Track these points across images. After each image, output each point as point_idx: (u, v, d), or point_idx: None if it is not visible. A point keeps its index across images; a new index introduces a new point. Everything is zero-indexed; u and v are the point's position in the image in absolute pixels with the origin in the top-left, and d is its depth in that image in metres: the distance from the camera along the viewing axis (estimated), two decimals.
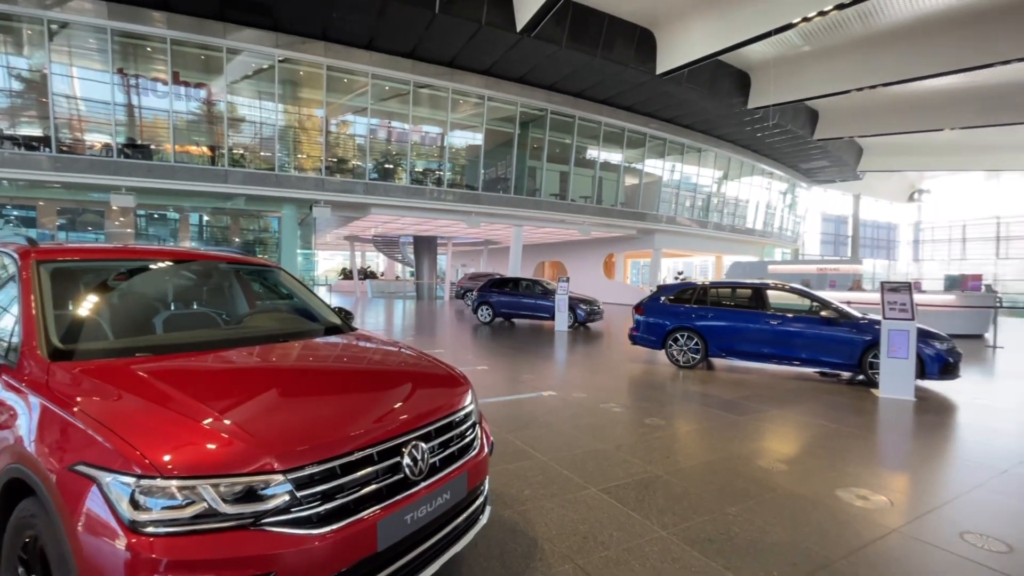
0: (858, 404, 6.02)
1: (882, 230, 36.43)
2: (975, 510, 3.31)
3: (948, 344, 6.51)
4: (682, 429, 4.95)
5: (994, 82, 18.36)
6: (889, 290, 6.20)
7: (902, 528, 3.01)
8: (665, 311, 8.51)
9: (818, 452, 4.40)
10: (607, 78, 17.75)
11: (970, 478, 3.88)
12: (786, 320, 7.43)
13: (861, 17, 14.98)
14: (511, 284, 15.43)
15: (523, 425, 4.91)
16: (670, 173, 24.58)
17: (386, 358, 2.77)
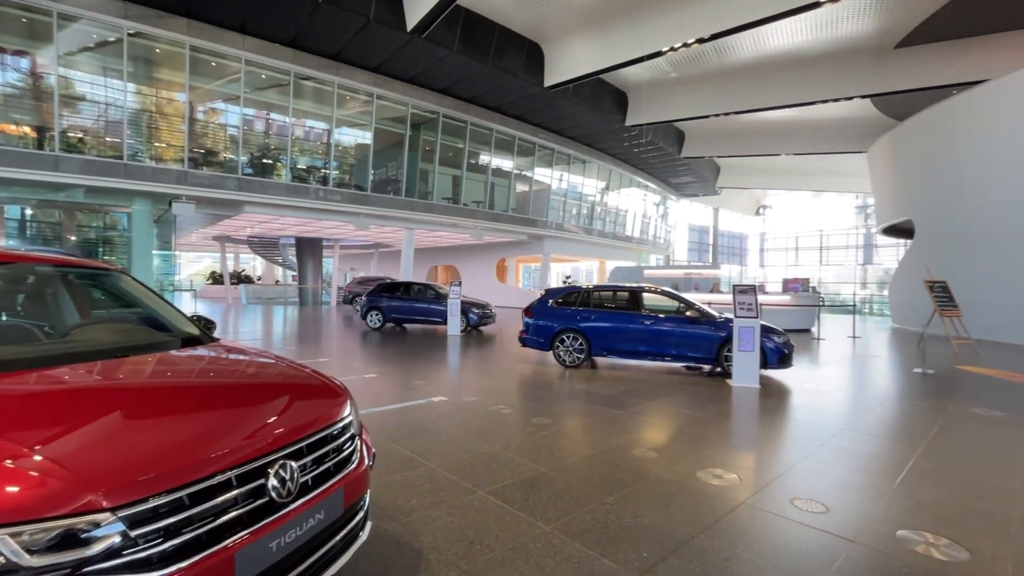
0: (716, 393, 6.80)
1: (736, 239, 41.76)
2: (802, 479, 3.90)
3: (784, 338, 7.62)
4: (567, 426, 5.18)
5: (817, 117, 22.01)
6: (739, 292, 7.10)
7: (748, 500, 3.43)
8: (552, 314, 8.88)
9: (683, 438, 4.87)
10: (498, 86, 18.15)
11: (799, 451, 4.56)
12: (658, 320, 8.16)
13: (717, 52, 17.05)
14: (403, 288, 15.05)
15: (412, 433, 4.80)
16: (558, 182, 25.80)
17: (251, 371, 2.53)
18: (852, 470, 4.13)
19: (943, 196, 14.94)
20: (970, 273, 13.07)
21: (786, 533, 3.02)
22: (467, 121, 20.34)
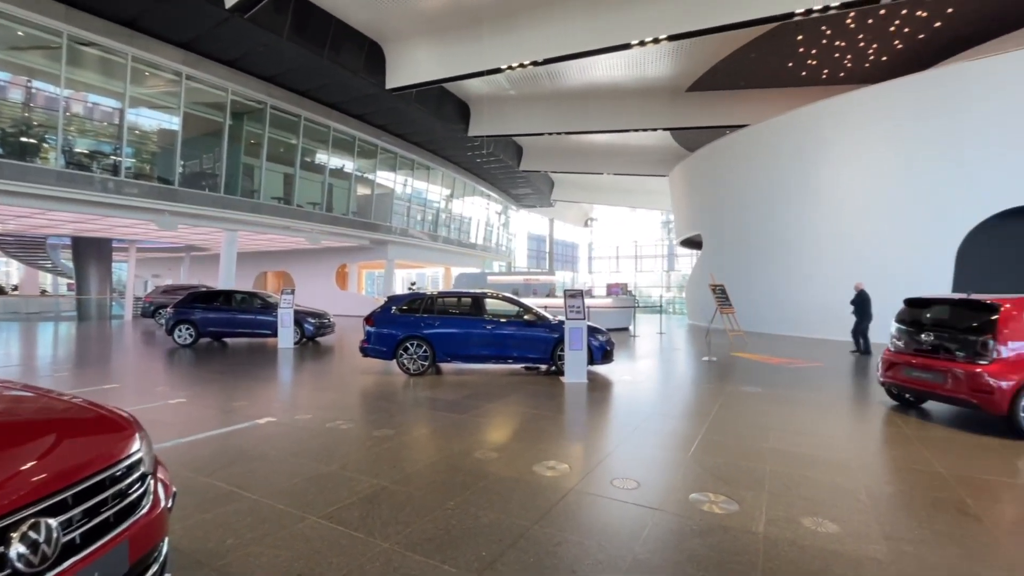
0: (551, 390, 7.34)
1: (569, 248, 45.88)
2: (620, 460, 4.41)
3: (606, 336, 8.57)
4: (410, 436, 5.09)
5: (632, 143, 25.33)
6: (569, 296, 7.79)
7: (576, 487, 3.76)
8: (396, 321, 8.66)
9: (521, 436, 5.15)
10: (336, 82, 17.16)
11: (618, 436, 5.16)
12: (500, 325, 8.51)
13: (550, 76, 18.56)
14: (222, 298, 13.23)
15: (230, 462, 4.23)
16: (403, 186, 25.35)
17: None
18: (657, 448, 4.81)
19: (722, 214, 18.44)
20: (742, 277, 16.31)
21: (607, 511, 3.39)
22: (301, 116, 18.81)
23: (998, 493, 3.74)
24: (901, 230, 12.75)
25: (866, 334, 11.10)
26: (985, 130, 11.63)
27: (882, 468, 4.35)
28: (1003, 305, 5.18)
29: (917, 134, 12.62)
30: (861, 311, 11.14)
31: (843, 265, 13.50)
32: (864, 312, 11.11)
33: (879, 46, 15.71)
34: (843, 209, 13.97)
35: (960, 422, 5.67)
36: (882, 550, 2.87)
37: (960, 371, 5.27)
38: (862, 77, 17.57)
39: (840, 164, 14.17)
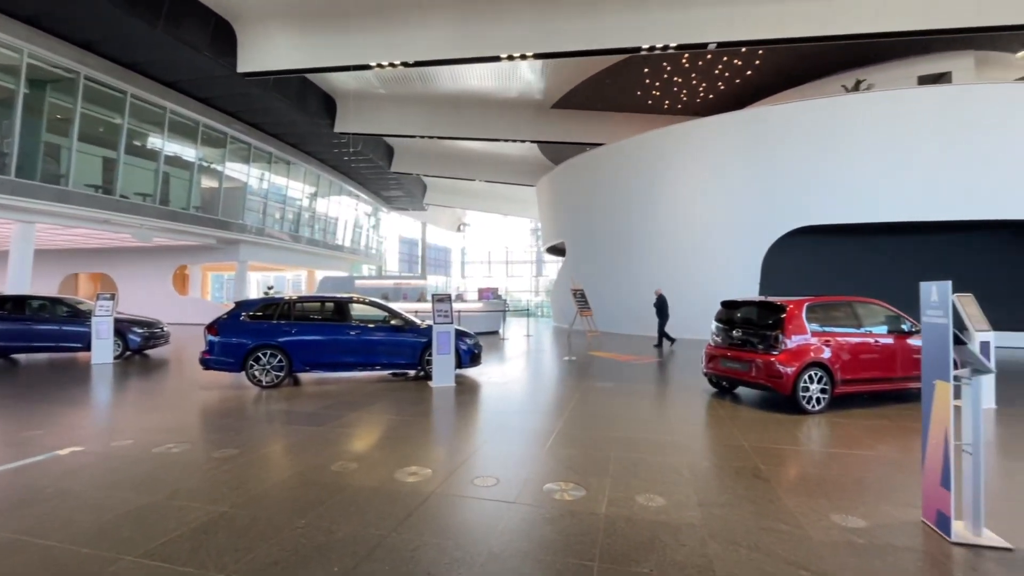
0: (418, 396, 7.26)
1: (442, 252, 45.81)
2: (482, 459, 4.54)
3: (474, 340, 8.74)
4: (258, 454, 4.66)
5: (504, 152, 26.22)
6: (437, 301, 7.80)
7: (437, 489, 3.79)
8: (245, 329, 7.86)
9: (384, 444, 5.02)
10: (173, 58, 15.05)
11: (483, 436, 5.30)
12: (365, 330, 8.20)
13: (422, 80, 18.43)
14: (10, 304, 10.78)
15: (18, 504, 3.47)
16: (258, 181, 23.08)
17: None
18: (518, 444, 5.04)
19: (582, 224, 19.95)
20: (599, 282, 17.80)
21: (467, 510, 3.46)
22: (127, 92, 16.13)
23: (783, 458, 4.61)
24: (722, 242, 15.02)
25: (662, 330, 13.44)
26: (783, 163, 14.24)
27: (702, 446, 5.08)
28: (788, 306, 6.41)
29: (734, 162, 15.00)
30: (660, 312, 13.48)
31: (680, 271, 15.48)
32: (663, 313, 13.46)
33: (707, 85, 18.39)
34: (679, 223, 16.03)
35: (761, 403, 6.85)
36: (697, 515, 3.36)
37: (760, 360, 6.39)
38: (694, 110, 20.36)
39: (677, 184, 16.26)
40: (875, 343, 6.53)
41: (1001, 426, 5.75)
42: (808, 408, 6.14)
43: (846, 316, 6.64)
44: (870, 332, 6.60)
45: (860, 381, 6.44)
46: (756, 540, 3.03)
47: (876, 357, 6.52)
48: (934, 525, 3.15)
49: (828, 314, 6.58)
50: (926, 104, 13.34)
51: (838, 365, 6.27)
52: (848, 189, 13.49)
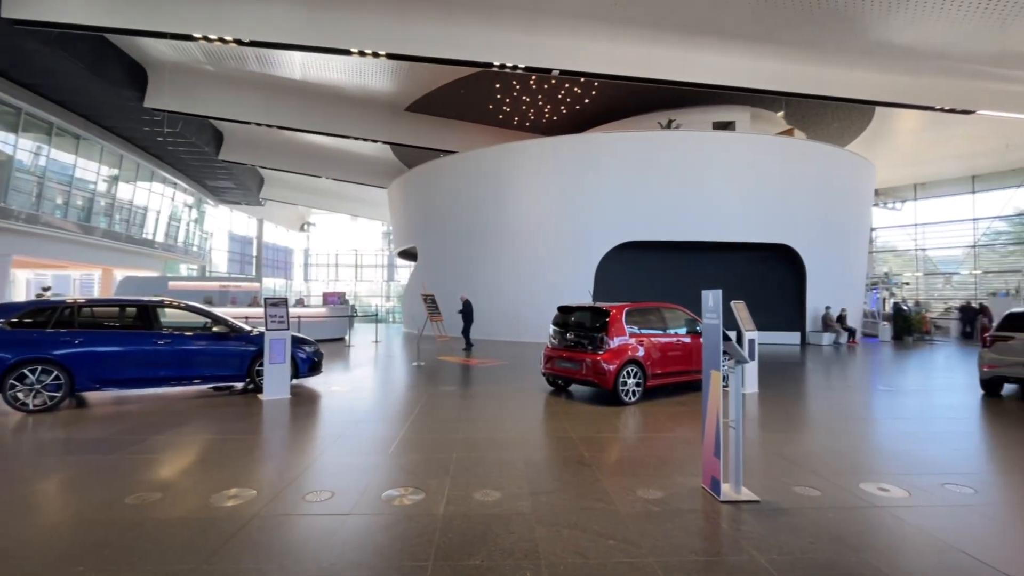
0: (245, 411, 6.54)
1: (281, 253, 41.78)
2: (318, 473, 4.28)
3: (314, 347, 8.18)
4: (17, 494, 3.74)
5: (354, 150, 24.97)
6: (270, 305, 7.13)
7: (262, 511, 3.46)
8: (2, 340, 6.25)
9: (198, 467, 4.43)
10: None
11: (319, 448, 4.99)
12: (179, 339, 7.12)
13: (260, 61, 16.70)
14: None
15: None
16: (33, 155, 18.50)
17: None
18: (358, 453, 4.86)
19: (435, 229, 20.00)
20: (450, 287, 18.00)
21: (296, 529, 3.23)
22: None
23: (603, 445, 5.19)
24: (562, 252, 16.36)
25: (468, 334, 14.35)
26: (612, 185, 16.08)
27: (537, 440, 5.47)
28: (611, 311, 7.26)
29: (573, 181, 16.49)
30: (466, 317, 14.46)
31: (526, 278, 16.46)
32: (468, 317, 14.45)
33: (552, 107, 19.91)
34: (525, 233, 17.04)
35: (590, 398, 7.62)
36: (527, 504, 3.62)
37: (589, 360, 7.11)
38: (542, 129, 21.88)
39: (524, 196, 17.29)
40: (677, 342, 7.74)
41: (761, 405, 7.24)
42: (626, 400, 7.01)
43: (656, 319, 7.75)
44: (674, 333, 7.80)
45: (666, 375, 7.56)
46: (576, 520, 3.37)
47: (679, 354, 7.72)
48: (709, 489, 3.85)
49: (642, 318, 7.61)
50: (716, 145, 16.30)
51: (650, 362, 7.29)
52: (659, 211, 15.79)
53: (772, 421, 6.47)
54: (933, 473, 4.41)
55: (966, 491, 3.99)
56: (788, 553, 2.96)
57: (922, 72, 13.18)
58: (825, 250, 16.91)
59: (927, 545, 3.13)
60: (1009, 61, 12.69)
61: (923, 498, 3.83)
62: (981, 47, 12.07)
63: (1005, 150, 19.73)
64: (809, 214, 16.56)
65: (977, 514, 3.59)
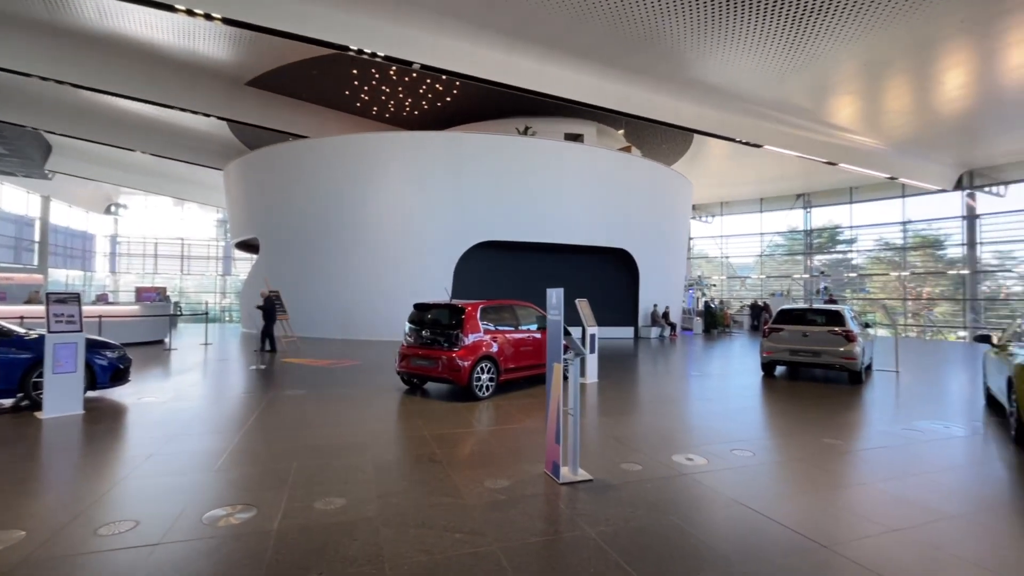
0: (14, 434, 5.25)
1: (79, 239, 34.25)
2: (116, 501, 3.61)
3: (119, 352, 6.89)
4: None
5: (180, 123, 21.50)
6: (55, 302, 5.81)
7: (32, 555, 2.81)
8: None
9: None
10: None
11: (120, 472, 4.21)
12: None
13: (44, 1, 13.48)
14: None
15: None
16: None
17: None
18: (174, 473, 4.22)
19: (280, 219, 18.21)
20: (298, 283, 16.59)
21: (80, 571, 2.68)
22: None
23: (456, 441, 5.25)
24: (422, 249, 16.17)
25: (271, 334, 12.85)
26: (473, 185, 16.35)
27: (388, 441, 5.32)
28: (467, 308, 7.38)
29: (434, 178, 16.39)
30: (267, 315, 12.97)
31: (383, 275, 15.91)
32: (269, 316, 12.98)
33: (413, 101, 19.54)
34: (383, 228, 16.46)
35: (445, 395, 7.64)
36: (374, 508, 3.50)
37: (444, 357, 7.13)
38: (401, 122, 21.34)
39: (382, 190, 16.68)
40: (529, 338, 8.16)
41: (600, 393, 8.00)
42: (480, 395, 7.19)
43: (509, 316, 8.08)
44: (526, 329, 8.21)
45: (519, 369, 7.93)
46: (424, 518, 3.36)
47: (530, 349, 8.14)
48: (551, 473, 4.14)
49: (497, 315, 7.88)
50: (568, 155, 17.60)
51: (503, 357, 7.57)
52: (516, 214, 16.53)
53: (608, 406, 7.18)
54: (725, 441, 5.31)
55: (747, 454, 4.89)
56: (613, 524, 3.31)
57: (727, 109, 15.79)
58: (654, 255, 19.33)
59: (717, 502, 3.76)
60: (787, 108, 15.85)
61: (717, 463, 4.60)
62: (768, 94, 14.88)
63: (781, 179, 24.61)
64: (642, 223, 18.76)
65: (753, 472, 4.42)
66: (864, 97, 15.10)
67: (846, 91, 14.66)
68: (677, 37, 11.91)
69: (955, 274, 22.65)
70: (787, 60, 12.71)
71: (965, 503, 3.83)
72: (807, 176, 23.27)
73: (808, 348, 9.14)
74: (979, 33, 11.04)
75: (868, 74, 13.40)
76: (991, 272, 21.90)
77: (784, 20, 10.95)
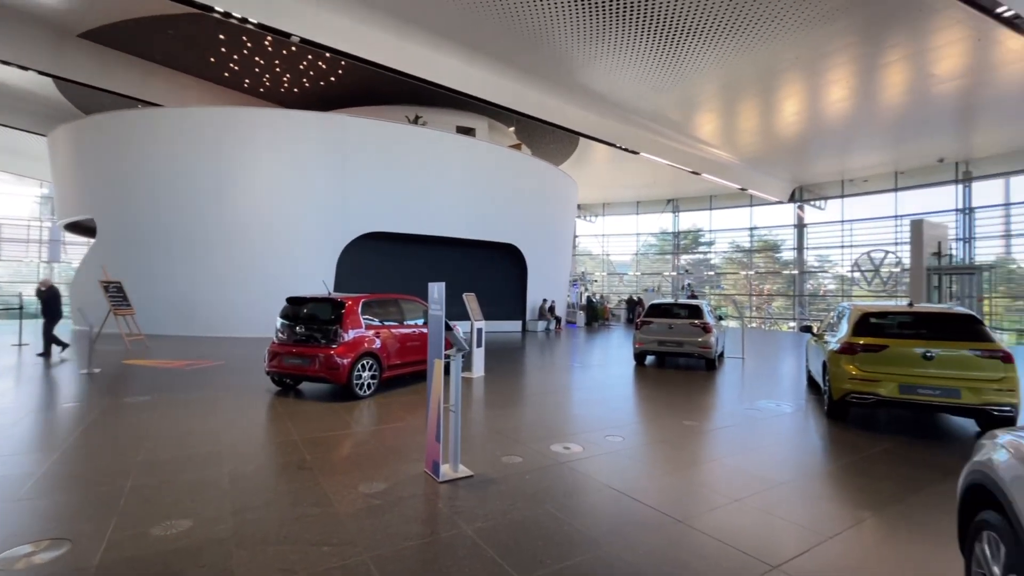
0: None
1: None
2: None
3: None
4: None
5: None
6: None
7: None
8: None
9: None
10: None
11: None
12: None
13: None
14: None
15: None
16: None
17: None
18: None
19: (124, 199, 15.59)
20: (147, 274, 14.40)
21: None
22: None
23: (330, 444, 4.91)
24: (299, 239, 14.97)
25: (50, 333, 10.36)
26: (359, 173, 15.47)
27: (250, 450, 4.81)
28: (347, 302, 6.95)
29: (316, 162, 15.22)
30: (47, 310, 10.46)
31: (253, 266, 14.46)
32: (51, 311, 10.47)
33: (292, 77, 17.98)
34: (253, 213, 14.91)
35: (322, 395, 7.14)
36: (228, 527, 3.11)
37: (322, 354, 6.65)
38: (279, 98, 19.56)
39: (254, 172, 15.10)
40: (415, 333, 7.93)
41: (486, 387, 8.05)
42: (361, 394, 6.83)
43: (394, 311, 7.78)
44: (412, 324, 7.97)
45: (402, 365, 7.67)
46: (287, 532, 3.06)
47: (416, 344, 7.90)
48: (431, 472, 4.03)
49: (381, 309, 7.54)
50: (461, 148, 17.47)
51: (386, 353, 7.27)
52: (405, 205, 16.04)
53: (492, 400, 7.25)
54: (599, 429, 5.63)
55: (618, 439, 5.22)
56: (492, 518, 3.31)
57: (609, 116, 16.81)
58: (542, 251, 20.01)
59: (589, 487, 3.95)
60: (661, 120, 17.29)
61: (592, 450, 4.85)
62: (645, 105, 16.10)
63: (654, 185, 26.90)
64: (530, 219, 19.30)
65: (623, 456, 4.72)
66: (722, 115, 17.01)
67: (708, 109, 16.39)
68: (566, 41, 12.35)
69: (788, 274, 26.61)
70: (662, 76, 13.83)
71: (790, 471, 4.45)
72: (676, 183, 25.68)
73: (673, 339, 10.08)
74: (807, 70, 12.99)
75: (726, 95, 15.10)
76: (813, 272, 26.08)
77: (659, 39, 11.88)
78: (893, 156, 19.86)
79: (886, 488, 4.03)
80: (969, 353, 5.32)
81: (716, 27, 11.15)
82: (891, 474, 4.36)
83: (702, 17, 10.79)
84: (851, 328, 6.04)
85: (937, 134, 17.13)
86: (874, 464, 4.62)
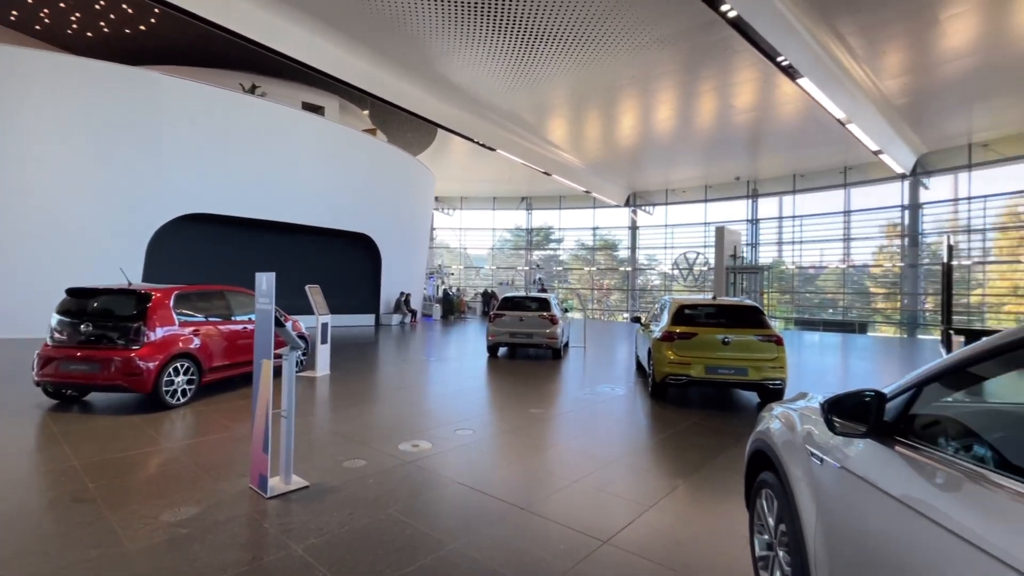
0: None
1: None
2: None
3: None
4: None
5: None
6: None
7: None
8: None
9: None
10: None
11: None
12: None
13: None
14: None
15: None
16: None
17: None
18: None
19: None
20: None
21: None
22: None
23: (124, 468, 4.05)
24: (89, 217, 12.26)
25: None
26: (177, 142, 13.16)
27: (5, 484, 3.74)
28: (154, 295, 5.84)
29: (116, 123, 12.56)
30: None
31: (19, 250, 11.48)
32: None
33: (84, 18, 14.63)
34: (20, 181, 11.81)
35: (119, 407, 5.91)
36: None
37: (117, 358, 5.49)
38: (63, 42, 15.80)
39: (24, 131, 11.93)
40: (245, 329, 7.00)
41: (331, 386, 7.47)
42: (173, 402, 5.82)
43: (219, 305, 6.78)
44: (242, 320, 7.02)
45: (230, 367, 6.73)
46: None
47: (248, 343, 6.96)
48: (257, 488, 3.56)
49: (202, 303, 6.51)
50: (307, 127, 15.97)
51: (208, 354, 6.29)
52: (238, 184, 14.17)
53: (337, 400, 6.75)
54: (450, 423, 5.58)
55: (468, 432, 5.23)
56: (327, 532, 3.02)
57: (467, 110, 16.85)
58: (398, 242, 19.36)
59: (438, 484, 3.86)
60: (516, 120, 17.85)
61: (441, 446, 4.77)
62: (502, 104, 16.46)
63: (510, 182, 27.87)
64: (385, 209, 18.54)
65: (472, 449, 4.73)
66: (571, 121, 18.21)
67: (559, 114, 17.41)
68: (424, 28, 11.98)
69: (623, 270, 29.75)
70: (516, 77, 14.25)
71: (620, 449, 4.90)
72: (530, 182, 26.89)
73: (523, 331, 10.51)
74: (641, 88, 14.54)
75: (574, 103, 16.18)
76: (643, 269, 29.56)
77: (515, 40, 12.19)
78: (704, 172, 23.37)
79: (694, 456, 4.66)
80: (753, 338, 6.44)
81: (567, 37, 11.83)
82: (697, 443, 5.07)
83: (555, 25, 11.34)
84: (670, 318, 6.90)
85: (735, 156, 20.56)
86: (685, 436, 5.32)
